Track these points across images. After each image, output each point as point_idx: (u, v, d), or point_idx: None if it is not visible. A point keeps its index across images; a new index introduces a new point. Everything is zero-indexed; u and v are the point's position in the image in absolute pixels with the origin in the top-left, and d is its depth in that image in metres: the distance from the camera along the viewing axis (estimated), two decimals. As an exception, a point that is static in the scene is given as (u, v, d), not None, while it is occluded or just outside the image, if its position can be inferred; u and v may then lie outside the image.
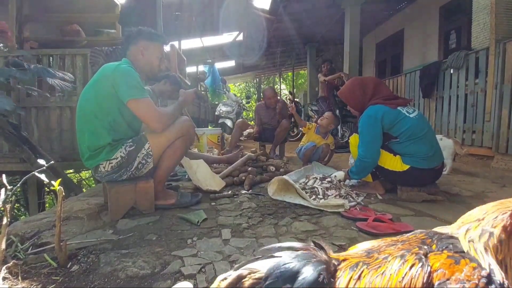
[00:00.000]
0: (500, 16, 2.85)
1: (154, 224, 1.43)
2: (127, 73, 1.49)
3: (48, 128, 3.36)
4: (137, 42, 1.63)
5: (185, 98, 1.78)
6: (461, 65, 3.28)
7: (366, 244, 0.50)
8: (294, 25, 6.82)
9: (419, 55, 5.90)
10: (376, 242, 0.49)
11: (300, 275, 0.39)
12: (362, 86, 1.96)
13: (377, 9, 6.36)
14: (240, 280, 0.42)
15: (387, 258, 0.42)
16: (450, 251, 0.40)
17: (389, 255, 0.42)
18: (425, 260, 0.39)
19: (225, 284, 0.42)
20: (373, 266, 0.42)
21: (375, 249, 0.46)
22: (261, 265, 0.43)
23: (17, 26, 3.65)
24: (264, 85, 16.52)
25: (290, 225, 1.43)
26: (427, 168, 1.78)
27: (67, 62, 3.33)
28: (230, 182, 2.21)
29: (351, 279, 0.41)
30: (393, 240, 0.47)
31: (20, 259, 1.08)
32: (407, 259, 0.40)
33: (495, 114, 2.85)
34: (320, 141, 2.98)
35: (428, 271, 0.38)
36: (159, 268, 1.03)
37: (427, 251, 0.41)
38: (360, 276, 0.41)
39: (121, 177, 1.56)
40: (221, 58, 9.99)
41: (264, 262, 0.43)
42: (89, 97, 1.52)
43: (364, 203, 1.78)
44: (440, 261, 0.39)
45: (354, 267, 0.42)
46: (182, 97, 1.77)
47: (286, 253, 0.44)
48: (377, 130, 1.81)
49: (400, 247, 0.44)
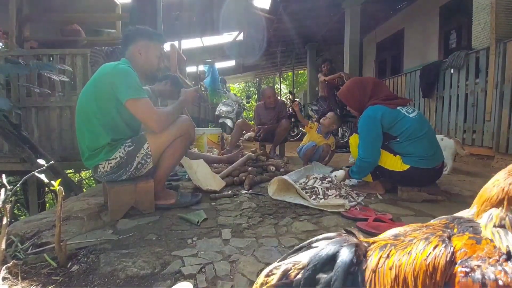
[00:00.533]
0: (501, 16, 2.85)
1: (154, 224, 1.43)
2: (125, 73, 1.48)
3: (48, 127, 3.36)
4: (135, 42, 1.63)
5: (186, 97, 1.76)
6: (462, 65, 3.27)
7: (392, 231, 0.54)
8: (294, 25, 6.81)
9: (419, 55, 5.90)
10: (402, 228, 0.53)
11: (336, 258, 0.45)
12: (362, 86, 1.96)
13: (377, 9, 6.36)
14: (286, 273, 0.47)
15: (413, 240, 0.46)
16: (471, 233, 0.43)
17: (414, 238, 0.46)
18: (448, 242, 0.42)
19: (276, 279, 0.47)
20: (400, 247, 0.45)
21: (401, 233, 0.50)
22: (302, 256, 0.49)
23: (17, 26, 3.65)
24: (264, 85, 16.51)
25: (291, 225, 1.43)
26: (427, 168, 1.77)
27: (67, 62, 3.33)
28: (230, 182, 2.20)
29: (380, 258, 0.45)
30: (418, 226, 0.51)
31: (20, 259, 1.08)
32: (431, 241, 0.44)
33: (495, 114, 2.85)
34: (321, 140, 2.98)
35: (451, 251, 0.41)
36: (159, 268, 1.03)
37: (450, 234, 0.44)
38: (389, 255, 0.45)
39: (121, 177, 1.56)
40: (221, 58, 9.99)
41: (304, 253, 0.49)
42: (87, 97, 1.52)
43: (365, 203, 1.78)
44: (462, 242, 0.41)
45: (383, 248, 0.46)
46: (182, 96, 1.76)
47: (321, 242, 0.50)
48: (376, 130, 1.81)
49: (425, 231, 0.48)
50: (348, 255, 0.44)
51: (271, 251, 1.14)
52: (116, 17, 4.70)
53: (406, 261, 0.42)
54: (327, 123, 2.96)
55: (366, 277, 0.43)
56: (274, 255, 1.11)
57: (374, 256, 0.45)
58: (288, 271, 0.47)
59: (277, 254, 1.12)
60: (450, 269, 0.39)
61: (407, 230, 0.51)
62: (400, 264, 0.43)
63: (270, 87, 4.22)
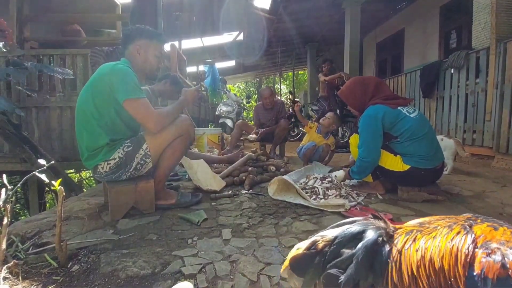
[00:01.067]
0: (501, 16, 2.85)
1: (154, 224, 1.43)
2: (124, 73, 1.48)
3: (48, 128, 3.36)
4: (135, 41, 1.62)
5: (186, 97, 1.74)
6: (462, 64, 3.27)
7: (416, 220, 0.57)
8: (294, 25, 6.81)
9: (420, 55, 5.90)
10: (426, 218, 0.56)
11: (362, 236, 0.49)
12: (363, 85, 1.96)
13: (377, 8, 6.36)
14: (314, 243, 0.52)
15: (437, 227, 0.50)
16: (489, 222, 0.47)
17: (438, 225, 0.50)
18: (470, 229, 0.46)
19: (304, 248, 0.52)
20: (425, 232, 0.49)
21: (426, 222, 0.54)
22: (330, 232, 0.54)
23: (17, 26, 3.66)
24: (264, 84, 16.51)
25: (291, 225, 1.43)
26: (428, 168, 1.77)
27: (67, 62, 3.33)
28: (230, 182, 2.21)
29: (407, 241, 0.48)
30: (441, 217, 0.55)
31: (20, 259, 1.08)
32: (454, 228, 0.48)
33: (495, 114, 2.85)
34: (321, 140, 2.98)
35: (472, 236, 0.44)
36: (160, 268, 1.03)
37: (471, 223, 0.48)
38: (415, 238, 0.48)
39: (120, 177, 1.56)
40: (221, 58, 9.99)
41: (332, 230, 0.54)
42: (86, 97, 1.51)
43: (365, 203, 1.78)
44: (482, 229, 0.45)
45: (409, 233, 0.50)
46: (183, 96, 1.74)
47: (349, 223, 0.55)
48: (377, 130, 1.81)
49: (448, 220, 0.52)
50: (373, 235, 0.48)
51: (271, 251, 1.14)
52: (116, 17, 4.70)
53: (432, 244, 0.46)
54: (327, 123, 2.96)
55: (392, 257, 0.47)
56: (274, 255, 1.11)
57: (401, 239, 0.49)
58: (316, 242, 0.52)
59: (277, 254, 1.12)
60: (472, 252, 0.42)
61: (431, 219, 0.54)
62: (426, 246, 0.46)
63: (267, 87, 4.21)
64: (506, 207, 1.71)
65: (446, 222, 0.50)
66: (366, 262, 0.46)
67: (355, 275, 0.45)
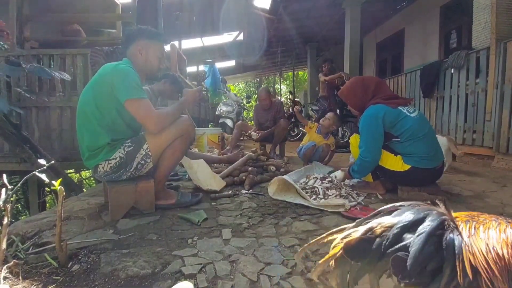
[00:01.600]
0: (501, 16, 2.85)
1: (154, 224, 1.43)
2: (125, 73, 1.48)
3: (48, 127, 3.36)
4: (136, 42, 1.61)
5: (187, 97, 1.73)
6: (462, 64, 3.27)
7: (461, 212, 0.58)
8: (294, 24, 6.81)
9: (420, 55, 5.90)
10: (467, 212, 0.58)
11: (425, 221, 0.49)
12: (364, 85, 1.96)
13: (377, 8, 6.36)
14: (371, 229, 0.51)
15: (485, 220, 0.53)
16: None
17: (485, 218, 0.53)
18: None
19: (360, 233, 0.51)
20: (479, 223, 0.52)
21: (473, 215, 0.56)
22: (386, 218, 0.52)
23: (17, 26, 3.65)
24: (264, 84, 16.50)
25: (291, 225, 1.43)
26: (428, 168, 1.77)
27: (67, 62, 3.34)
28: (230, 182, 2.21)
29: (469, 229, 0.50)
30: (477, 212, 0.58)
31: (20, 258, 1.08)
32: (500, 222, 0.51)
33: (495, 114, 2.85)
34: (320, 140, 2.98)
35: None
36: (160, 267, 1.03)
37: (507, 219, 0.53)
38: (475, 227, 0.51)
39: (121, 177, 1.56)
40: (221, 58, 9.98)
41: (387, 217, 0.53)
42: (88, 97, 1.52)
43: (365, 203, 1.78)
44: None
45: (467, 222, 0.52)
46: (184, 97, 1.74)
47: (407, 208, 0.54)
48: (378, 130, 1.81)
49: (487, 216, 0.55)
50: (436, 220, 0.49)
51: (271, 251, 1.14)
52: (116, 17, 4.70)
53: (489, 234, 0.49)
54: (327, 124, 2.96)
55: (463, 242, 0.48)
56: (275, 255, 1.11)
57: (463, 226, 0.51)
58: (374, 228, 0.51)
59: (277, 254, 1.12)
60: None
61: (473, 213, 0.57)
62: (487, 236, 0.49)
63: (264, 88, 4.19)
64: (506, 207, 1.71)
65: (490, 217, 0.54)
66: (433, 245, 0.46)
67: (423, 257, 0.45)
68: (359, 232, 0.51)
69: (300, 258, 0.55)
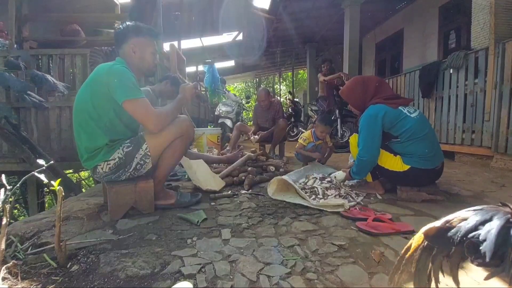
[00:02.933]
0: (500, 16, 2.85)
1: (154, 224, 1.43)
2: (121, 73, 1.46)
3: (47, 128, 3.36)
4: (127, 40, 1.59)
5: (184, 94, 1.72)
6: (461, 65, 3.27)
7: None
8: (294, 25, 6.82)
9: (419, 55, 5.91)
10: None
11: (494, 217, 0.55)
12: (364, 85, 1.96)
13: (377, 9, 6.36)
14: (449, 221, 0.58)
15: None
16: None
17: None
18: None
19: (440, 224, 0.59)
20: None
21: None
22: (463, 213, 0.60)
23: (16, 26, 3.65)
24: (264, 84, 16.51)
25: (290, 225, 1.43)
26: (428, 169, 1.78)
27: (66, 62, 3.33)
28: (230, 182, 2.21)
29: None
30: None
31: (19, 259, 1.08)
32: None
33: (494, 114, 2.85)
34: (319, 143, 2.97)
35: None
36: (159, 268, 1.03)
37: None
38: None
39: (120, 177, 1.55)
40: (220, 58, 9.98)
41: (463, 211, 0.60)
42: (84, 98, 1.50)
43: (364, 203, 1.78)
44: None
45: None
46: (181, 94, 1.72)
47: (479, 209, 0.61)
48: (377, 129, 1.81)
49: None
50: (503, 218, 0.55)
51: (270, 251, 1.15)
52: (115, 16, 4.69)
53: None
54: (318, 134, 2.89)
55: None
56: (274, 255, 1.11)
57: None
58: (451, 220, 0.58)
59: (277, 254, 1.13)
60: None
61: None
62: None
63: (263, 89, 4.20)
64: (505, 207, 1.71)
65: None
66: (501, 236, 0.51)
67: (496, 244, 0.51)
68: (438, 223, 0.60)
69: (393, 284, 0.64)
